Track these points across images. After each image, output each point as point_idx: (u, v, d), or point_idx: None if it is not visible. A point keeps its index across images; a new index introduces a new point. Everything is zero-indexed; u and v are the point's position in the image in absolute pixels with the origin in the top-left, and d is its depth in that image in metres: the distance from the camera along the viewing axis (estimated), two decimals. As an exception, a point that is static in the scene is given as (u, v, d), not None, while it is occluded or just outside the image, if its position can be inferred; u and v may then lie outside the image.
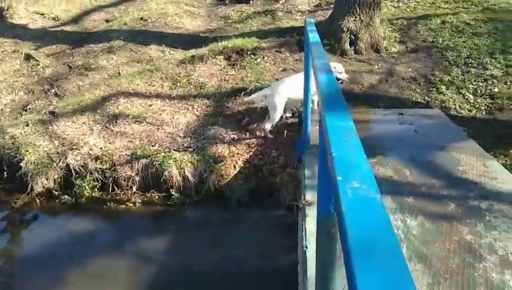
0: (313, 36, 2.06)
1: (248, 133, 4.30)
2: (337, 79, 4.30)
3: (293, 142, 3.85)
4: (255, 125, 4.41)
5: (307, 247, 2.05)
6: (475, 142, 3.34)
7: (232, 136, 4.25)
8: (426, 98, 4.71)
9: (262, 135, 4.20)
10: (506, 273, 1.84)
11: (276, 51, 5.83)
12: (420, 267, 1.89)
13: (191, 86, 5.16)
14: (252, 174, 3.88)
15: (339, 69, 4.33)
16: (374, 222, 0.61)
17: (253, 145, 4.16)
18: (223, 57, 5.75)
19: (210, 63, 5.65)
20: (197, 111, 4.66)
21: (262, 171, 3.91)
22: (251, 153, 4.06)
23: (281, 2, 8.03)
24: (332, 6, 6.49)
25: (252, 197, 3.76)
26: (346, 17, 5.65)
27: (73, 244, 3.36)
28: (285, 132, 4.14)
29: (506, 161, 3.80)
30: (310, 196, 2.56)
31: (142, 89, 5.15)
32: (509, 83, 4.88)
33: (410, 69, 5.22)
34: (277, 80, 5.12)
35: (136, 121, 4.54)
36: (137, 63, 6.03)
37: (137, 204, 3.79)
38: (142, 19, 7.42)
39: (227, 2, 8.29)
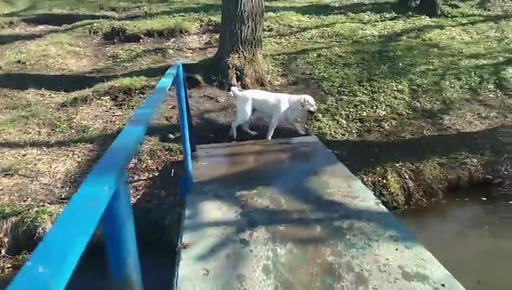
0: (162, 81, 2.08)
1: (136, 176, 4.16)
2: (310, 112, 4.64)
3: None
4: (143, 166, 4.29)
5: (176, 294, 2.00)
6: (343, 165, 3.67)
7: (117, 180, 4.06)
8: (306, 126, 5.09)
9: (151, 176, 4.11)
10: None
11: (175, 88, 5.83)
12: (284, 296, 1.97)
13: (72, 131, 4.85)
14: (139, 219, 3.72)
15: (311, 102, 4.54)
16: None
17: (141, 187, 4.03)
18: (109, 97, 5.56)
19: (95, 105, 5.41)
20: (79, 157, 4.38)
21: (151, 214, 3.78)
22: (139, 197, 3.91)
23: (172, 40, 8.12)
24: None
25: (140, 244, 3.58)
26: (231, 55, 5.92)
27: None
28: (172, 170, 4.09)
29: (374, 177, 4.25)
30: (188, 238, 2.53)
31: (15, 138, 4.69)
32: (374, 107, 5.53)
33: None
34: (166, 118, 5.10)
35: (6, 174, 4.09)
36: (13, 109, 5.52)
37: (7, 270, 3.35)
38: (19, 62, 6.87)
39: (115, 40, 8.11)
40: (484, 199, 4.29)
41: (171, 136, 4.70)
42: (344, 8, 9.74)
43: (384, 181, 4.22)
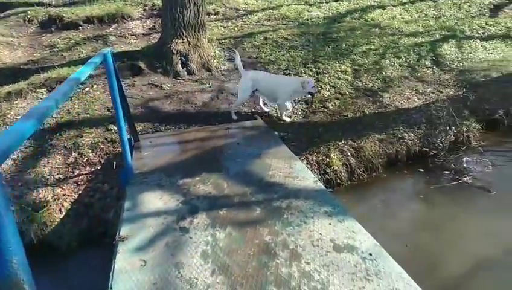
0: (79, 71, 1.95)
1: (77, 170, 4.01)
2: (311, 94, 4.74)
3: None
4: (84, 160, 4.15)
5: (112, 288, 1.98)
6: (286, 147, 3.76)
7: (57, 176, 3.90)
8: (253, 110, 5.11)
9: (93, 169, 3.99)
10: (293, 265, 2.08)
11: (107, 77, 5.61)
12: (221, 278, 2.01)
13: (7, 127, 4.57)
14: (82, 215, 3.62)
15: (311, 84, 4.64)
16: None
17: (82, 182, 3.89)
18: (45, 89, 5.26)
19: (30, 98, 5.11)
20: (14, 155, 4.15)
21: (93, 209, 3.68)
22: (80, 192, 3.78)
23: (113, 26, 7.79)
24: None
25: (84, 240, 3.50)
26: (174, 40, 5.78)
27: None
28: (114, 162, 3.99)
29: (318, 157, 4.38)
30: (126, 230, 2.50)
31: None
32: (319, 88, 5.65)
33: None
34: (108, 108, 4.93)
35: None
36: None
37: None
38: None
39: (52, 29, 7.66)
40: (421, 170, 4.56)
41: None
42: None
43: (328, 160, 4.36)
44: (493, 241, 3.35)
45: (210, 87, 5.52)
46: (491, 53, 7.18)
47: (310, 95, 4.84)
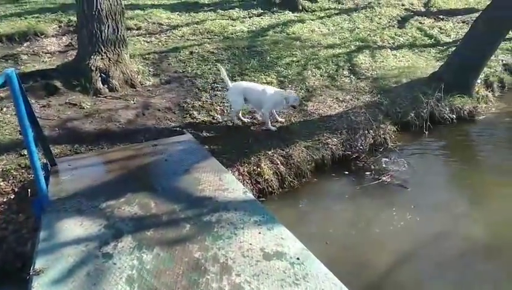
0: None
1: (-15, 202, 3.60)
2: (293, 106, 4.97)
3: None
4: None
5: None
6: (215, 160, 3.74)
7: (-41, 211, 3.47)
8: (181, 125, 5.03)
9: (5, 199, 3.61)
10: (224, 279, 2.05)
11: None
12: (148, 302, 1.91)
13: None
14: (-7, 251, 3.25)
15: (293, 96, 4.87)
16: None
17: (-9, 215, 3.50)
18: None
19: None
20: None
21: (7, 242, 3.33)
22: (-10, 226, 3.40)
23: (25, 45, 7.22)
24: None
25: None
26: (93, 57, 5.51)
27: None
28: (29, 190, 3.66)
29: (249, 167, 4.43)
30: (42, 262, 2.28)
31: None
32: (247, 100, 5.74)
33: (164, 100, 5.50)
34: (20, 132, 4.52)
35: None
36: None
37: None
38: None
39: (-49, 48, 6.89)
40: (346, 172, 4.82)
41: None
42: (213, 5, 9.86)
43: (259, 169, 4.42)
44: (411, 234, 3.64)
45: (135, 103, 5.33)
46: (401, 61, 7.88)
47: (292, 107, 5.04)
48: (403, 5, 11.23)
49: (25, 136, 2.80)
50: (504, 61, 8.10)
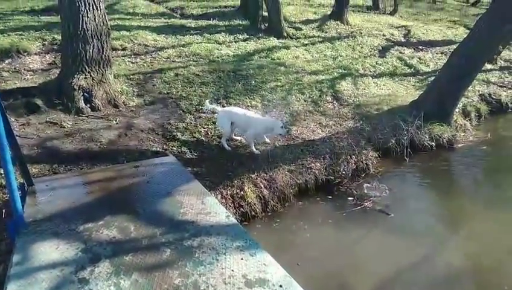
0: None
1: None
2: (280, 134, 4.97)
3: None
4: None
5: None
6: (198, 182, 3.69)
7: None
8: (164, 146, 4.99)
9: None
10: (204, 306, 1.99)
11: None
12: (125, 332, 1.83)
13: None
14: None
15: (279, 126, 4.84)
16: None
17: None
18: None
19: None
20: None
21: (-24, 267, 3.16)
22: (-42, 249, 3.23)
23: (7, 62, 7.11)
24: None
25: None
26: (76, 76, 5.46)
27: None
28: (4, 210, 3.52)
29: (232, 190, 4.39)
30: (14, 287, 2.17)
31: None
32: (232, 123, 5.75)
33: (148, 121, 5.46)
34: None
35: None
36: None
37: None
38: None
39: None
40: (329, 197, 4.85)
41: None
42: (200, 28, 10.00)
43: (242, 193, 4.40)
44: (392, 259, 3.64)
45: (117, 123, 5.27)
46: (382, 89, 8.09)
47: (279, 135, 5.07)
48: (383, 35, 11.64)
49: (2, 155, 2.71)
50: (480, 92, 8.42)
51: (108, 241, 2.66)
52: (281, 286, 2.12)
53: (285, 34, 10.34)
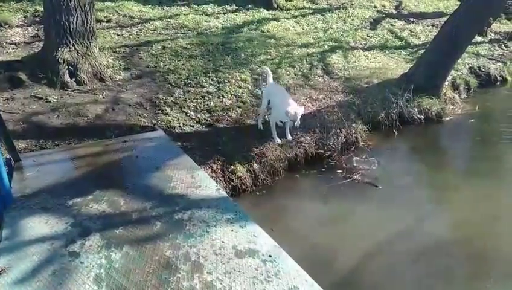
0: None
1: None
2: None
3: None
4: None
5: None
6: (187, 157, 3.69)
7: None
8: (153, 121, 4.93)
9: None
10: (195, 277, 2.03)
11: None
12: (117, 303, 1.86)
13: None
14: None
15: (293, 114, 4.47)
16: None
17: None
18: None
19: None
20: None
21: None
22: None
23: (-13, 34, 6.87)
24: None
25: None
26: (60, 49, 5.30)
27: None
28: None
29: (223, 165, 4.40)
30: (4, 262, 2.17)
31: None
32: (221, 97, 5.70)
33: (135, 95, 5.37)
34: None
35: None
36: None
37: None
38: None
39: None
40: (319, 170, 4.88)
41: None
42: (187, -1, 9.72)
43: (233, 167, 4.40)
44: (381, 230, 3.72)
45: (104, 98, 5.18)
46: (372, 62, 8.03)
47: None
48: (375, 6, 11.45)
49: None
50: (470, 65, 8.43)
51: (98, 215, 2.66)
52: (270, 255, 2.16)
53: (275, 6, 10.10)
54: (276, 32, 8.58)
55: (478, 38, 9.47)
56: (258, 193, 4.39)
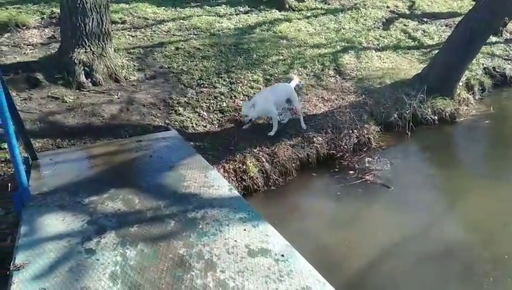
0: None
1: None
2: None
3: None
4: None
5: (3, 325, 1.75)
6: (200, 156, 3.72)
7: None
8: (166, 121, 4.99)
9: None
10: (208, 275, 2.05)
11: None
12: (132, 299, 1.90)
13: None
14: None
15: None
16: None
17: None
18: None
19: None
20: None
21: (-15, 239, 3.24)
22: (-34, 221, 3.30)
23: (6, 36, 7.02)
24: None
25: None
26: (76, 50, 5.41)
27: None
28: (9, 184, 3.57)
29: (235, 164, 4.43)
30: (23, 257, 2.24)
31: None
32: (233, 97, 5.74)
33: (149, 95, 5.44)
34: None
35: None
36: None
37: None
38: None
39: None
40: (330, 171, 4.88)
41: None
42: (200, 1, 9.78)
43: (244, 167, 4.43)
44: (392, 232, 3.70)
45: (119, 98, 5.26)
46: (385, 62, 7.98)
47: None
48: (387, 7, 11.37)
49: (6, 129, 2.73)
50: (484, 65, 8.31)
51: (113, 213, 2.71)
52: (282, 255, 2.18)
53: (287, 6, 10.10)
54: (288, 33, 8.59)
55: (493, 38, 9.33)
56: (269, 193, 4.41)
